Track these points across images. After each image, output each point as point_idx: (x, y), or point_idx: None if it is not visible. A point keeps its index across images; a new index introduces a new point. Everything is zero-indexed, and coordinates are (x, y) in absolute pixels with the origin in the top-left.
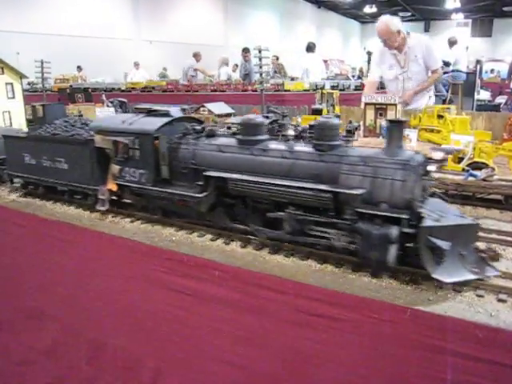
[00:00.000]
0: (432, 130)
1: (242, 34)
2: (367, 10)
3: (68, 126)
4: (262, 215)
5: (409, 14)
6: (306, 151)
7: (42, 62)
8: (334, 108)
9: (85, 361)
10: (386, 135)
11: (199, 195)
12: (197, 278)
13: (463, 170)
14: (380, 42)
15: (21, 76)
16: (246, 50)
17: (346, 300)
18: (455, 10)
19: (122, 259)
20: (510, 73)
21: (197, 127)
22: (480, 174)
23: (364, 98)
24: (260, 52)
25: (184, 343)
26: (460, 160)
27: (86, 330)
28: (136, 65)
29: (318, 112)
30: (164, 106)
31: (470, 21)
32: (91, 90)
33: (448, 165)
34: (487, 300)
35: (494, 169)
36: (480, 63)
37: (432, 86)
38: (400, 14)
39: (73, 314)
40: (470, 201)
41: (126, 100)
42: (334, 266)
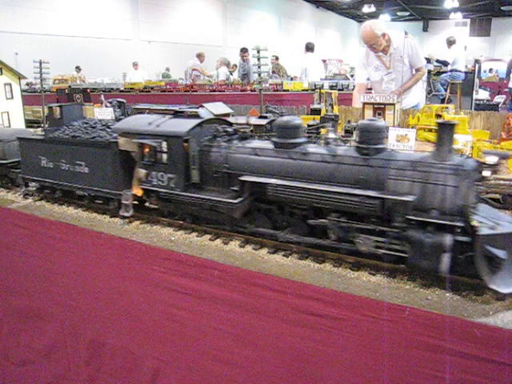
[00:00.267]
0: (430, 130)
1: (240, 34)
2: (366, 9)
3: (88, 127)
4: (301, 222)
5: (407, 14)
6: (350, 155)
7: (40, 63)
8: (332, 108)
9: (84, 361)
10: (435, 138)
11: (235, 201)
12: (196, 278)
13: None
14: (366, 47)
15: (19, 76)
16: (243, 50)
17: (344, 299)
18: (454, 10)
19: (121, 259)
20: (508, 72)
21: (228, 129)
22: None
23: (355, 101)
24: (258, 52)
25: (183, 343)
26: None
27: (85, 331)
28: (135, 65)
29: (316, 112)
30: (164, 106)
31: (468, 20)
32: (90, 91)
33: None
34: None
35: None
36: (478, 63)
37: (421, 84)
38: (398, 14)
39: (72, 314)
40: None
41: (124, 100)
42: (333, 266)
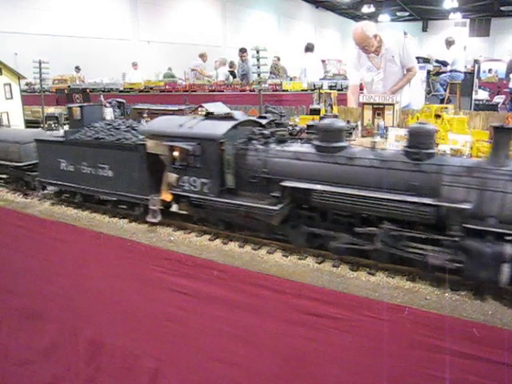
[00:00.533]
0: None
1: (240, 34)
2: (365, 9)
3: (112, 129)
4: (346, 230)
5: (406, 14)
6: (400, 160)
7: (39, 63)
8: (331, 108)
9: (83, 361)
10: (491, 143)
11: (275, 208)
12: (195, 278)
13: None
14: (358, 48)
15: (19, 77)
16: (242, 51)
17: (343, 299)
18: (453, 10)
19: (120, 259)
20: (507, 72)
21: (265, 132)
22: None
23: (349, 102)
24: (258, 52)
25: (182, 343)
26: None
27: (85, 330)
28: (134, 65)
29: (315, 112)
30: (163, 106)
31: (467, 20)
32: (89, 91)
33: None
34: None
35: None
36: (478, 63)
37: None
38: (398, 14)
39: (71, 314)
40: None
41: (124, 100)
42: (332, 266)
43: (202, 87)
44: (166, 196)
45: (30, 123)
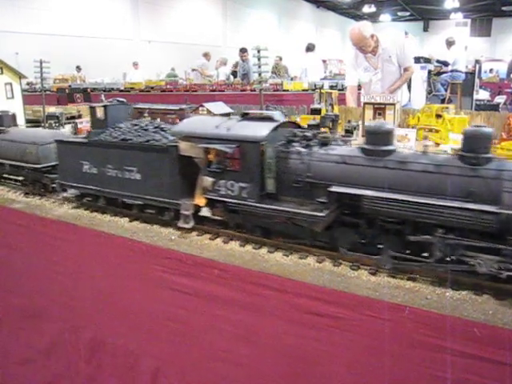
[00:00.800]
0: (430, 130)
1: (240, 34)
2: (366, 9)
3: (139, 129)
4: (397, 237)
5: (407, 14)
6: (456, 165)
7: (41, 62)
8: (332, 108)
9: (84, 360)
10: None
11: (321, 214)
12: (196, 277)
13: None
14: (355, 48)
15: (20, 76)
16: (243, 50)
17: (344, 298)
18: (454, 10)
19: (121, 258)
20: (509, 72)
21: (307, 134)
22: None
23: (348, 102)
24: (259, 52)
25: (183, 342)
26: None
27: (85, 329)
28: (135, 64)
29: (316, 112)
30: (164, 106)
31: (469, 20)
32: (90, 90)
33: None
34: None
35: None
36: (479, 63)
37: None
38: (399, 14)
39: (72, 313)
40: None
41: (124, 100)
42: (333, 265)
43: (203, 87)
44: (200, 201)
45: (30, 122)
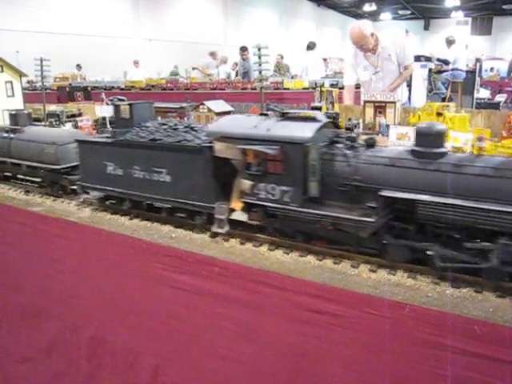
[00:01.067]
0: None
1: (241, 33)
2: (367, 8)
3: (168, 129)
4: (453, 244)
5: (408, 13)
6: None
7: (41, 60)
8: (333, 106)
9: (84, 358)
10: None
11: (371, 220)
12: (196, 275)
13: None
14: (354, 47)
15: (20, 74)
16: (243, 49)
17: (344, 296)
18: (455, 8)
19: (122, 256)
20: (509, 71)
21: (352, 134)
22: None
23: (345, 100)
24: (259, 50)
25: (183, 340)
26: None
27: (86, 327)
28: (135, 63)
29: (317, 110)
30: (165, 104)
31: (469, 19)
32: (91, 89)
33: None
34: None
35: None
36: (480, 61)
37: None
38: (400, 12)
39: (72, 311)
40: None
41: (125, 98)
42: (333, 263)
43: (204, 85)
44: (237, 204)
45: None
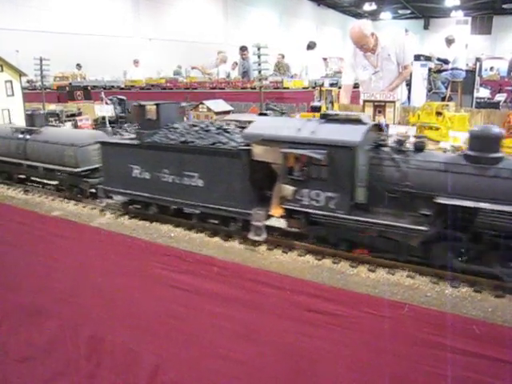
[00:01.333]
0: (431, 128)
1: (241, 32)
2: (367, 7)
3: (200, 131)
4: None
5: (408, 12)
6: None
7: (41, 60)
8: (332, 105)
9: (84, 357)
10: None
11: (424, 228)
12: (195, 274)
13: None
14: (354, 47)
15: (20, 74)
16: (243, 49)
17: (343, 296)
18: (455, 8)
19: (121, 255)
20: (509, 70)
21: (399, 137)
22: None
23: (341, 99)
24: (259, 49)
25: (182, 339)
26: None
27: (85, 327)
28: (135, 62)
29: (316, 109)
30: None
31: (469, 18)
32: (90, 88)
33: None
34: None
35: None
36: (479, 61)
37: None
38: (399, 12)
39: (71, 310)
40: None
41: (125, 97)
42: (332, 262)
43: (203, 84)
44: (276, 211)
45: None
